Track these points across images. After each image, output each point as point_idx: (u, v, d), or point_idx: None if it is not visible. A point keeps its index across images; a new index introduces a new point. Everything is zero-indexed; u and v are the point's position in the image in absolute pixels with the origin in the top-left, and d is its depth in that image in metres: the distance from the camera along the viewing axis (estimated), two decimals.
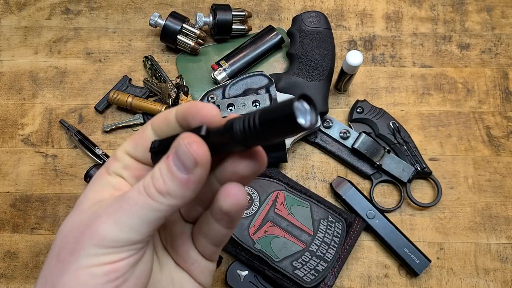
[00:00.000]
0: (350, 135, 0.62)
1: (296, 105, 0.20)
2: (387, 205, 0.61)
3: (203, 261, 0.29)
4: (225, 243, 0.29)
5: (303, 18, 0.61)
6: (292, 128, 0.20)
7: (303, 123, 0.20)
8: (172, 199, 0.23)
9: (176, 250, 0.29)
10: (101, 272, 0.23)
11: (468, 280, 0.59)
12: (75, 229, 0.25)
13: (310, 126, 0.20)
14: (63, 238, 0.25)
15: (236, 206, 0.25)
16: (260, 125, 0.21)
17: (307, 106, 0.21)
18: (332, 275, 0.55)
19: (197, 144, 0.23)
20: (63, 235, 0.25)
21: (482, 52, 0.67)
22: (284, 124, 0.20)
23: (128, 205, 0.23)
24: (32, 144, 0.63)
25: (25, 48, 0.67)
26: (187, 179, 0.23)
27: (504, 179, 0.62)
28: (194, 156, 0.23)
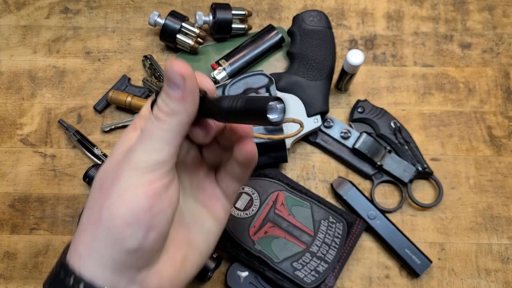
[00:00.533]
0: (351, 135, 0.61)
1: (271, 103, 0.25)
2: (388, 206, 0.61)
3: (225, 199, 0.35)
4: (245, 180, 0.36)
5: (303, 17, 0.61)
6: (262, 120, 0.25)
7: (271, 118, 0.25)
8: (178, 116, 0.28)
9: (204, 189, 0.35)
10: (141, 192, 0.28)
11: (470, 281, 0.59)
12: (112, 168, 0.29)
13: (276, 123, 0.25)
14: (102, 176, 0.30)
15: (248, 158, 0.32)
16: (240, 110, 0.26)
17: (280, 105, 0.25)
18: (333, 276, 0.55)
19: (178, 63, 0.28)
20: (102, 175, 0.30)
21: (483, 51, 0.66)
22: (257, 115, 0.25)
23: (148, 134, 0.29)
24: (31, 144, 0.63)
25: (24, 48, 0.66)
26: (181, 95, 0.28)
27: (506, 179, 0.62)
28: (180, 72, 0.27)
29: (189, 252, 0.33)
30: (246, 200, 0.58)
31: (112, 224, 0.28)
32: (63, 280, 0.29)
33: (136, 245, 0.28)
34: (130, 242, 0.28)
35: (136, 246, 0.28)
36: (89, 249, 0.29)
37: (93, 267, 0.28)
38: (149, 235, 0.28)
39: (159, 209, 0.28)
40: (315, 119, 0.59)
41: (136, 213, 0.28)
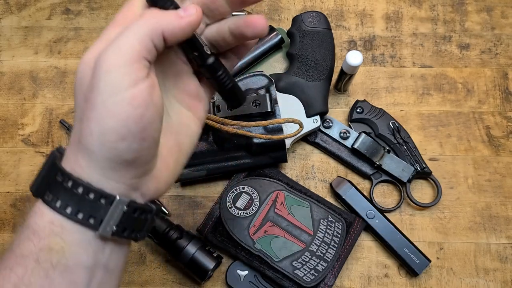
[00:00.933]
0: (350, 135, 0.62)
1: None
2: (387, 205, 0.61)
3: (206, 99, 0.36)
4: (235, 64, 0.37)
5: (303, 18, 0.61)
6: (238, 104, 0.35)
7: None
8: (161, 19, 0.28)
9: (188, 91, 0.35)
10: (124, 101, 0.27)
11: (468, 280, 0.59)
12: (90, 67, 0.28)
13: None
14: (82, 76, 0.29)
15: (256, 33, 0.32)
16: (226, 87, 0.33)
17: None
18: (332, 275, 0.55)
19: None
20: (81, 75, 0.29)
21: (482, 52, 0.67)
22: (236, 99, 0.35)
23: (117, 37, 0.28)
24: (33, 144, 0.63)
25: (25, 48, 0.67)
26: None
27: (504, 179, 0.62)
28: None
29: (179, 155, 0.34)
30: (246, 199, 0.58)
31: (105, 139, 0.28)
32: (82, 196, 0.29)
33: (133, 157, 0.28)
34: (127, 154, 0.28)
35: (133, 157, 0.28)
36: (88, 161, 0.29)
37: (97, 176, 0.29)
38: (143, 145, 0.28)
39: (149, 118, 0.28)
40: (315, 119, 0.60)
41: (127, 124, 0.27)
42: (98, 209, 0.29)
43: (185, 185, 0.62)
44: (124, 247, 0.32)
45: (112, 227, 0.29)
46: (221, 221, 0.57)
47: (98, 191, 0.29)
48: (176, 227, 0.56)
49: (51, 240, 0.29)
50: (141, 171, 0.30)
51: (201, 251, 0.55)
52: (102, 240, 0.30)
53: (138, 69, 0.27)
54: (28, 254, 0.29)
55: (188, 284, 0.59)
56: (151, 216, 0.32)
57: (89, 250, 0.30)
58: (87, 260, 0.30)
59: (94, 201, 0.29)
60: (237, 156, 0.59)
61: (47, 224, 0.29)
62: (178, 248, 0.55)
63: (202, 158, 0.58)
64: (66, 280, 0.29)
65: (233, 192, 0.59)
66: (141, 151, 0.29)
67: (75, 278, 0.29)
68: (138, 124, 0.28)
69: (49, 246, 0.29)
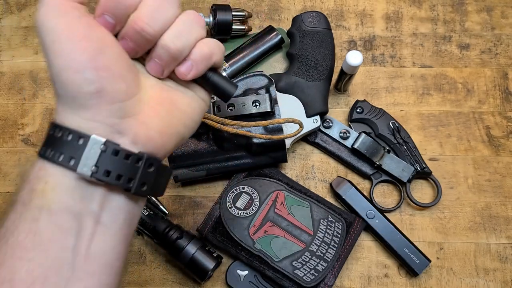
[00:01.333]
0: (350, 135, 0.62)
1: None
2: (387, 205, 0.61)
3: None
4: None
5: (303, 18, 0.61)
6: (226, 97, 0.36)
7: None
8: None
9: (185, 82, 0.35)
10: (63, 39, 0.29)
11: (468, 280, 0.59)
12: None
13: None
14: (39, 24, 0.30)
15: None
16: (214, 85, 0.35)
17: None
18: (332, 275, 0.55)
19: None
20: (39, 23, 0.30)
21: (482, 52, 0.67)
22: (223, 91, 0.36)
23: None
24: (33, 144, 0.63)
25: (26, 48, 0.67)
26: None
27: (504, 179, 0.62)
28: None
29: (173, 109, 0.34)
30: (246, 199, 0.58)
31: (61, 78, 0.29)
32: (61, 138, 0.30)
33: (95, 88, 0.29)
34: (86, 86, 0.29)
35: (95, 88, 0.29)
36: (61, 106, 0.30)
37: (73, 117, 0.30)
38: (101, 75, 0.29)
39: (94, 48, 0.29)
40: (315, 119, 0.60)
41: (73, 58, 0.29)
42: (76, 149, 0.29)
43: (185, 185, 0.62)
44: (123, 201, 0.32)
45: (90, 167, 0.29)
46: (221, 221, 0.57)
47: (75, 132, 0.29)
48: (176, 227, 0.56)
49: (35, 182, 0.30)
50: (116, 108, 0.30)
51: (201, 251, 0.55)
52: (88, 184, 0.30)
53: (68, 11, 0.29)
54: (18, 199, 0.30)
55: (188, 284, 0.59)
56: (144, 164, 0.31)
57: (74, 194, 0.30)
58: (73, 206, 0.29)
59: (72, 142, 0.29)
60: (237, 156, 0.59)
61: (36, 171, 0.30)
62: (178, 248, 0.55)
63: (202, 158, 0.58)
64: (52, 223, 0.29)
65: (233, 192, 0.59)
66: (101, 81, 0.29)
67: (61, 222, 0.29)
68: (84, 55, 0.29)
69: (32, 188, 0.30)
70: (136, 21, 0.30)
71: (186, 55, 0.33)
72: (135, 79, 0.32)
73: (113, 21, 0.31)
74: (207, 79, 0.35)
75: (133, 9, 0.31)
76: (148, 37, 0.31)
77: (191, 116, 0.35)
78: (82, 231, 0.30)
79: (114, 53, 0.30)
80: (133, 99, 0.31)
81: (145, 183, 0.31)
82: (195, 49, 0.33)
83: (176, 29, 0.32)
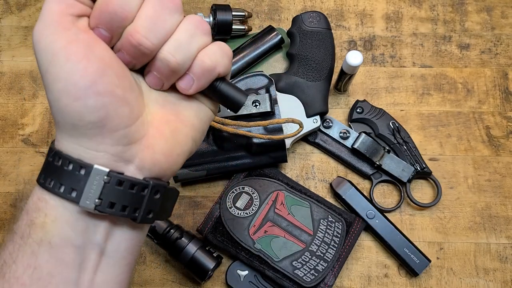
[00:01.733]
0: (350, 135, 0.62)
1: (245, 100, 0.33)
2: (387, 205, 0.61)
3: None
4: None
5: (303, 18, 0.61)
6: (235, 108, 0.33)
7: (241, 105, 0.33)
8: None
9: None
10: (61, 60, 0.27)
11: (468, 280, 0.59)
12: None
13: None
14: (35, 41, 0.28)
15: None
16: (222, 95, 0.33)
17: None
18: (332, 275, 0.55)
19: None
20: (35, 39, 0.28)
21: (482, 52, 0.67)
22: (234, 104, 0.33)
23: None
24: (33, 144, 0.63)
25: (26, 48, 0.67)
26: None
27: (504, 179, 0.62)
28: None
29: (178, 125, 0.31)
30: (246, 199, 0.58)
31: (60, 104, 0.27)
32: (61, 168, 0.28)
33: (97, 116, 0.27)
34: (88, 115, 0.27)
35: (98, 117, 0.27)
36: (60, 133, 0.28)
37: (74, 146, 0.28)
38: (103, 101, 0.27)
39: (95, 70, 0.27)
40: (315, 119, 0.60)
41: (73, 82, 0.26)
42: (78, 181, 0.27)
43: (185, 185, 0.62)
44: (127, 230, 0.30)
45: (93, 200, 0.27)
46: (221, 221, 0.57)
47: (76, 161, 0.27)
48: (176, 227, 0.56)
49: (35, 215, 0.28)
50: (121, 136, 0.28)
51: (201, 251, 0.55)
52: (91, 217, 0.28)
53: (65, 28, 0.27)
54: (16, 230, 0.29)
55: (188, 284, 0.59)
56: (150, 192, 0.29)
57: (76, 227, 0.28)
58: (76, 239, 0.28)
59: (73, 173, 0.27)
60: (237, 156, 0.59)
61: (35, 201, 0.29)
62: (178, 248, 0.55)
63: (202, 158, 0.58)
64: (53, 258, 0.28)
65: (233, 192, 0.59)
66: (104, 109, 0.27)
67: (63, 256, 0.28)
68: (85, 79, 0.26)
69: (32, 221, 0.28)
70: (132, 34, 0.28)
71: (188, 68, 0.30)
72: (138, 98, 0.30)
73: (109, 35, 0.28)
74: (213, 90, 0.32)
75: (130, 20, 0.28)
76: (146, 51, 0.28)
77: (198, 128, 0.33)
78: (85, 264, 0.29)
79: (115, 73, 0.28)
80: (137, 122, 0.29)
81: (152, 211, 0.30)
82: (196, 61, 0.30)
83: (176, 39, 0.29)
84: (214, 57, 0.30)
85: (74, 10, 0.27)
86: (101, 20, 0.28)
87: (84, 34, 0.27)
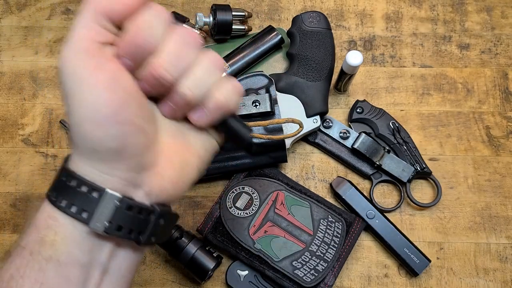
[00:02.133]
0: (350, 135, 0.62)
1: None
2: (387, 205, 0.61)
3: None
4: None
5: (303, 18, 0.61)
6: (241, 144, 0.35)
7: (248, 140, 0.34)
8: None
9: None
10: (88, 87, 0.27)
11: (468, 280, 0.59)
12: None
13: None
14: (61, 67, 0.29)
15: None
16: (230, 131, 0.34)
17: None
18: (332, 275, 0.55)
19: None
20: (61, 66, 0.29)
21: (482, 52, 0.67)
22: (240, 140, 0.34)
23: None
24: (33, 144, 0.63)
25: (26, 48, 0.67)
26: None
27: (504, 179, 0.62)
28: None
29: (187, 155, 0.33)
30: (246, 199, 0.58)
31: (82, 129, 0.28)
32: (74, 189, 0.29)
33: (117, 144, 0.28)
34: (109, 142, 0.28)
35: (117, 145, 0.28)
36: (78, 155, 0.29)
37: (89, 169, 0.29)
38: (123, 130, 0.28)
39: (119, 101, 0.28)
40: (315, 119, 0.60)
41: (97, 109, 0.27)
42: (90, 202, 0.29)
43: None
44: (129, 251, 0.31)
45: (103, 222, 0.29)
46: (221, 221, 0.57)
47: (90, 184, 0.29)
48: (176, 227, 0.56)
49: (45, 233, 0.29)
50: (135, 163, 0.29)
51: (201, 251, 0.55)
52: (98, 238, 0.29)
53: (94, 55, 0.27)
54: (25, 246, 0.29)
55: (188, 284, 0.59)
56: (156, 218, 0.31)
57: (83, 247, 0.29)
58: (82, 258, 0.29)
59: (86, 194, 0.29)
60: (237, 156, 0.59)
61: (45, 218, 0.30)
62: (178, 248, 0.55)
63: None
64: (59, 275, 0.29)
65: (233, 192, 0.59)
66: (124, 137, 0.28)
67: (69, 274, 0.29)
68: (109, 108, 0.27)
69: (42, 239, 0.29)
70: (155, 67, 0.29)
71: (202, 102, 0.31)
72: (154, 128, 0.31)
73: (132, 64, 0.29)
74: (222, 124, 0.34)
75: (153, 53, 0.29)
76: (166, 83, 0.30)
77: (204, 158, 0.34)
78: (88, 281, 0.30)
79: (137, 104, 0.29)
80: (151, 150, 0.31)
81: (154, 234, 0.32)
82: (211, 98, 0.31)
83: (195, 76, 0.30)
84: (228, 95, 0.32)
85: (101, 37, 0.28)
86: (127, 50, 0.29)
87: (111, 63, 0.28)
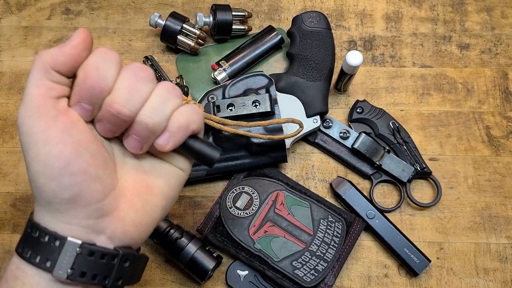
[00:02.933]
0: (350, 135, 0.62)
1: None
2: (387, 205, 0.61)
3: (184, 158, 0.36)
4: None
5: (303, 18, 0.61)
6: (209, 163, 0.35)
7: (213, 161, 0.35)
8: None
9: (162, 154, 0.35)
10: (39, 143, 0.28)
11: (468, 280, 0.59)
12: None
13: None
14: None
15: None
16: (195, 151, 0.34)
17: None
18: (332, 275, 0.55)
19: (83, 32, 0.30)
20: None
21: (482, 52, 0.67)
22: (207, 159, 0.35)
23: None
24: None
25: (26, 48, 0.67)
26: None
27: (504, 179, 0.62)
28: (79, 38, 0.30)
29: (149, 196, 0.33)
30: (246, 199, 0.58)
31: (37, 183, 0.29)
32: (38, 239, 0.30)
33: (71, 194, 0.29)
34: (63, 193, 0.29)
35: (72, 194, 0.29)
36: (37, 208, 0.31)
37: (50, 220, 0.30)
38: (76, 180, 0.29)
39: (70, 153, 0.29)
40: (315, 119, 0.60)
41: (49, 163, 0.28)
42: (52, 251, 0.30)
43: (185, 185, 0.62)
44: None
45: (66, 269, 0.29)
46: (221, 221, 0.57)
47: (51, 234, 0.30)
48: (176, 227, 0.56)
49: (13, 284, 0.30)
50: (93, 210, 0.30)
51: (201, 251, 0.55)
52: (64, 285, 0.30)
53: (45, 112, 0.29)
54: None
55: (188, 284, 0.59)
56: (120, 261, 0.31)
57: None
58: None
59: (49, 244, 0.30)
60: (237, 156, 0.59)
61: (13, 269, 0.31)
62: (178, 248, 0.55)
63: None
64: None
65: (233, 192, 0.59)
66: (78, 187, 0.29)
67: None
68: (60, 160, 0.28)
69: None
70: (111, 104, 0.30)
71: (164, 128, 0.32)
72: (111, 174, 0.32)
73: (90, 107, 0.30)
74: (187, 147, 0.34)
75: (108, 92, 0.30)
76: (125, 118, 0.31)
77: (168, 196, 0.35)
78: None
79: (90, 153, 0.30)
80: (109, 196, 0.31)
81: (121, 278, 0.32)
82: (172, 120, 0.32)
83: (152, 104, 0.31)
84: (187, 116, 0.33)
85: (53, 92, 0.29)
86: (81, 95, 0.30)
87: (63, 116, 0.29)
